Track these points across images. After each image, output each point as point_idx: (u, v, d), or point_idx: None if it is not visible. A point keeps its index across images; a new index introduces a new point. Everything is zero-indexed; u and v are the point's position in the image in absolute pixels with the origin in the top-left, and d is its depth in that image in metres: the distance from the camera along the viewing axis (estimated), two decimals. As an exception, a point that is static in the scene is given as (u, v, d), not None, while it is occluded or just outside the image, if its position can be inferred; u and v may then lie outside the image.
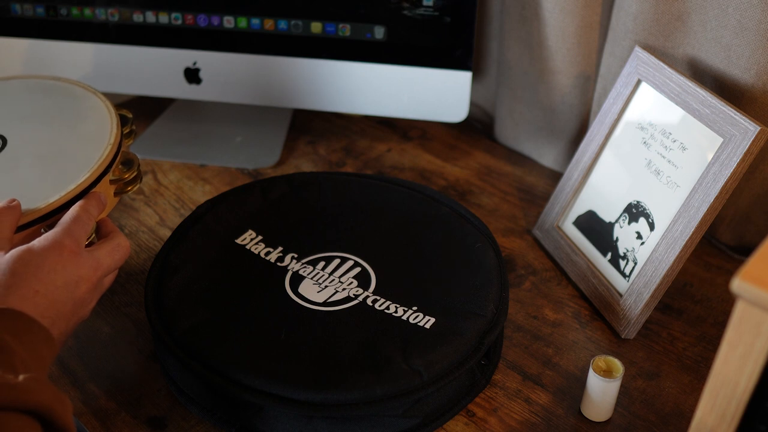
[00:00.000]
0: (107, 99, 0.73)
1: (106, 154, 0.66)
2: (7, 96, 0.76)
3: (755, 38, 0.72)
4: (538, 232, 0.87)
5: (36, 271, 0.56)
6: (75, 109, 0.73)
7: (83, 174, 0.64)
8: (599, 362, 0.65)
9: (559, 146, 0.97)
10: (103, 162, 0.65)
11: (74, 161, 0.66)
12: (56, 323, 0.56)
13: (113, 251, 0.62)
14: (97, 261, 0.60)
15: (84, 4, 0.94)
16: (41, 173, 0.65)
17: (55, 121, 0.72)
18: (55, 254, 0.57)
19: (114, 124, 0.69)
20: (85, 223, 0.61)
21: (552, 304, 0.78)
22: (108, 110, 0.71)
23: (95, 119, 0.71)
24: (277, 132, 1.04)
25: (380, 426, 0.62)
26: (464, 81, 0.91)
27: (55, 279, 0.56)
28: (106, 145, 0.67)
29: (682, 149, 0.73)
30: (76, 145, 0.68)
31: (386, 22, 0.90)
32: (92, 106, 0.72)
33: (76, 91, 0.75)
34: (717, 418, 0.47)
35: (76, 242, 0.59)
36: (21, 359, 0.49)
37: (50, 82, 0.77)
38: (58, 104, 0.74)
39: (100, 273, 0.60)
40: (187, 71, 0.97)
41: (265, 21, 0.92)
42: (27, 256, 0.56)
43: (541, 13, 0.87)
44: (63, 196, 0.62)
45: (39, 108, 0.74)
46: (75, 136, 0.69)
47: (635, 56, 0.79)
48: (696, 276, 0.82)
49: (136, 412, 0.66)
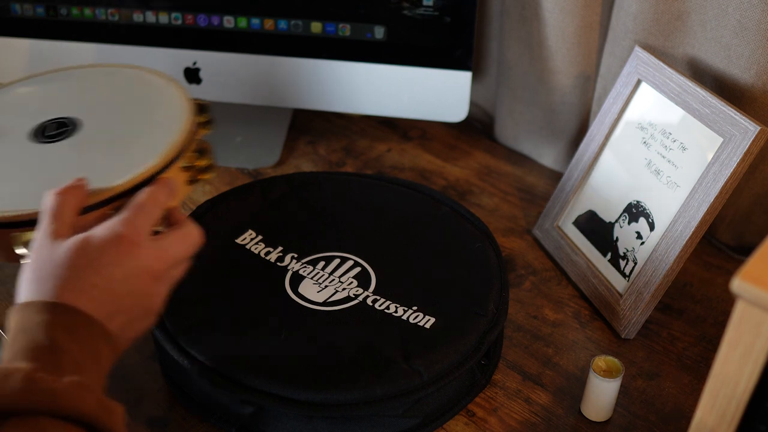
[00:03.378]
0: (183, 88, 0.72)
1: (178, 140, 0.64)
2: (85, 82, 0.76)
3: (755, 38, 0.72)
4: (538, 232, 0.87)
5: (93, 263, 0.52)
6: (150, 96, 0.72)
7: (153, 158, 0.62)
8: (599, 362, 0.65)
9: (559, 146, 0.97)
10: (174, 147, 0.63)
11: (146, 146, 0.64)
12: (114, 318, 0.53)
13: (181, 240, 0.57)
14: (163, 251, 0.56)
15: (84, 4, 0.94)
16: (111, 157, 0.64)
17: (129, 107, 0.71)
18: (114, 245, 0.53)
19: (188, 111, 0.68)
20: (149, 211, 0.57)
21: (552, 304, 0.78)
22: (183, 98, 0.70)
23: (170, 106, 0.69)
24: (277, 132, 1.04)
25: (380, 426, 0.62)
26: (464, 81, 0.91)
27: (114, 271, 0.53)
28: (178, 131, 0.65)
29: (682, 149, 0.73)
30: (149, 130, 0.67)
31: (386, 22, 0.90)
32: (168, 94, 0.71)
33: (153, 80, 0.74)
34: (717, 418, 0.47)
35: (136, 231, 0.55)
36: (72, 359, 0.48)
37: (128, 70, 0.76)
38: (134, 91, 0.73)
39: (165, 264, 0.56)
40: (187, 71, 0.97)
41: (265, 21, 0.92)
42: (85, 246, 0.53)
43: (541, 13, 0.87)
44: (131, 178, 0.60)
45: (115, 94, 0.73)
46: (148, 122, 0.68)
47: (635, 56, 0.79)
48: (696, 276, 0.82)
49: (136, 412, 0.66)
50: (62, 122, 0.68)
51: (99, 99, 0.73)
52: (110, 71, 0.77)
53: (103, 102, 0.72)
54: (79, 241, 0.53)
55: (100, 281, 0.52)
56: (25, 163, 0.65)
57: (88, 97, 0.73)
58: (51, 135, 0.67)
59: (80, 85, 0.75)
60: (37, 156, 0.65)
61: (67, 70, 0.78)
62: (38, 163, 0.64)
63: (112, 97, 0.73)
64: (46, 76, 0.77)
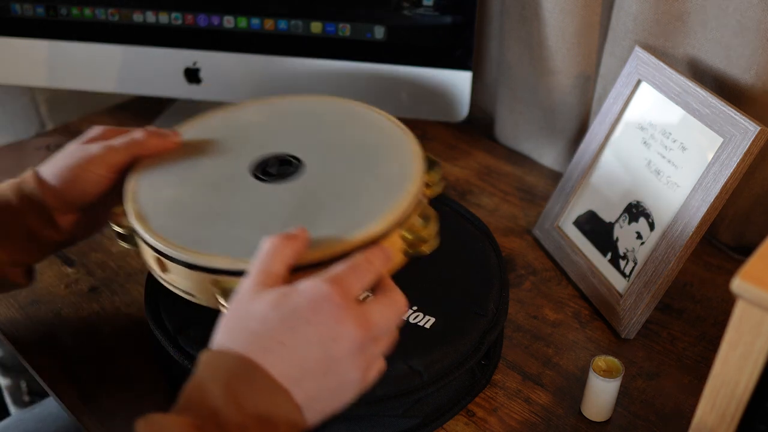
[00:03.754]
0: (415, 138, 0.67)
1: (405, 203, 0.59)
2: (313, 115, 0.72)
3: (755, 38, 0.72)
4: (538, 232, 0.87)
5: (288, 319, 0.48)
6: (379, 144, 0.67)
7: (374, 222, 0.57)
8: (599, 362, 0.65)
9: (559, 146, 0.97)
10: (400, 211, 0.58)
11: (370, 205, 0.59)
12: (302, 384, 0.47)
13: (386, 307, 0.51)
14: (365, 317, 0.49)
15: (84, 4, 0.94)
16: (332, 211, 0.59)
17: (356, 153, 0.66)
18: (316, 302, 0.48)
19: (419, 169, 0.63)
20: (363, 274, 0.51)
21: (552, 304, 0.78)
22: (414, 152, 0.65)
23: (401, 160, 0.64)
24: (277, 132, 1.04)
25: (380, 426, 0.62)
26: (464, 81, 0.91)
27: (308, 331, 0.47)
28: (407, 192, 0.60)
29: (682, 149, 0.73)
30: (375, 185, 0.61)
31: (386, 22, 0.90)
32: (398, 144, 0.66)
33: (384, 124, 0.69)
34: (717, 418, 0.47)
35: (345, 293, 0.49)
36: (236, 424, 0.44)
37: (358, 108, 0.73)
38: (363, 135, 0.68)
39: (366, 332, 0.49)
40: (187, 71, 0.97)
41: (265, 21, 0.92)
42: (283, 301, 0.49)
43: (541, 13, 0.87)
44: (346, 242, 0.55)
45: (342, 135, 0.69)
46: (375, 175, 0.63)
47: (635, 56, 0.79)
48: (696, 276, 0.82)
49: (136, 412, 0.66)
50: (285, 160, 0.65)
51: (326, 137, 0.69)
52: (343, 107, 0.74)
53: (330, 142, 0.68)
54: (279, 294, 0.49)
55: (288, 340, 0.47)
56: (243, 199, 0.62)
57: (315, 133, 0.69)
58: (272, 173, 0.64)
59: (308, 119, 0.72)
60: (255, 194, 0.62)
61: (298, 98, 0.75)
62: (255, 202, 0.62)
63: (340, 137, 0.69)
64: (275, 102, 0.75)
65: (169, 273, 0.60)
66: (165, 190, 0.64)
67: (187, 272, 0.58)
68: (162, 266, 0.60)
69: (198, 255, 0.57)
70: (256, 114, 0.74)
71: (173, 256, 0.58)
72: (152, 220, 0.61)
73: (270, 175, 0.64)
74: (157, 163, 0.67)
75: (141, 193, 0.64)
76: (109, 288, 0.79)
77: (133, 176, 0.65)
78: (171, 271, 0.60)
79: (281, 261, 0.52)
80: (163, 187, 0.64)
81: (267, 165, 0.65)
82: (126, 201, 0.63)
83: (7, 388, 1.16)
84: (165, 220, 0.61)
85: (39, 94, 1.16)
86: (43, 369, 0.70)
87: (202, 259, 0.57)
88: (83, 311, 0.76)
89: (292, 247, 0.52)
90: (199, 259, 0.57)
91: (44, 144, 1.01)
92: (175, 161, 0.67)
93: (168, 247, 0.58)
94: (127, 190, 0.64)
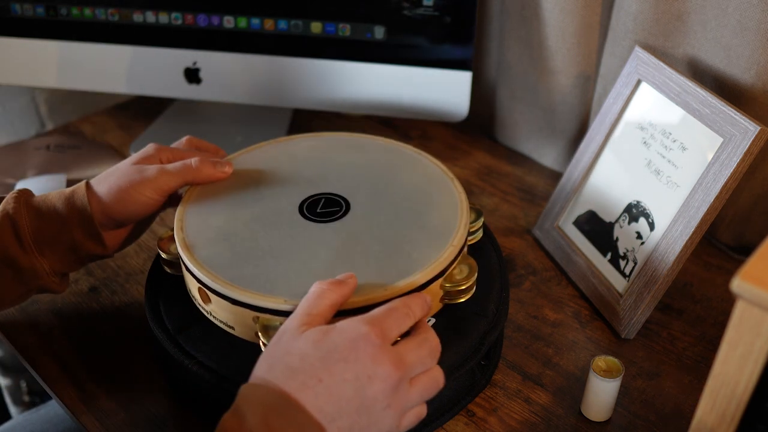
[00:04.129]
0: (462, 188, 0.68)
1: (449, 254, 0.61)
2: (361, 154, 0.73)
3: (755, 38, 0.72)
4: (538, 232, 0.87)
5: (326, 357, 0.49)
6: (425, 190, 0.69)
7: (417, 273, 0.59)
8: (599, 362, 0.64)
9: (559, 146, 0.97)
10: (444, 261, 0.60)
11: (411, 255, 0.61)
12: (336, 420, 0.48)
13: (419, 346, 0.53)
14: (400, 357, 0.51)
15: (84, 4, 0.94)
16: (372, 258, 0.61)
17: (401, 199, 0.67)
18: (354, 341, 0.50)
19: (464, 221, 0.64)
20: (402, 319, 0.53)
21: (552, 304, 0.78)
22: (460, 202, 0.66)
23: (444, 209, 0.66)
24: (277, 132, 1.04)
25: (380, 426, 0.62)
26: (464, 81, 0.91)
27: (345, 369, 0.49)
28: (451, 244, 0.62)
29: (682, 149, 0.73)
30: (419, 235, 0.63)
31: (386, 22, 0.90)
32: (444, 191, 0.68)
33: (434, 172, 0.71)
34: (717, 418, 0.47)
35: (383, 334, 0.51)
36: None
37: (410, 153, 0.74)
38: (409, 179, 0.70)
39: (400, 372, 0.50)
40: (187, 71, 0.97)
41: (265, 21, 0.92)
42: (323, 339, 0.50)
43: (541, 13, 0.87)
44: (390, 290, 0.57)
45: (389, 178, 0.70)
46: (419, 224, 0.64)
47: (635, 56, 0.79)
48: (696, 276, 0.82)
49: (136, 412, 0.66)
50: (333, 201, 0.66)
51: (373, 179, 0.70)
52: (391, 149, 0.75)
53: (377, 184, 0.69)
54: (319, 332, 0.51)
55: (326, 376, 0.49)
56: (290, 238, 0.63)
57: (363, 174, 0.71)
58: (320, 213, 0.65)
59: (357, 158, 0.73)
60: (302, 233, 0.63)
61: (348, 136, 0.77)
62: (302, 241, 0.62)
63: (386, 180, 0.70)
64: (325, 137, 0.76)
65: (211, 304, 0.61)
66: (213, 220, 0.65)
67: (230, 306, 0.59)
68: (204, 297, 0.61)
69: (243, 292, 0.58)
70: (306, 149, 0.75)
71: (218, 290, 0.59)
72: (198, 250, 0.62)
73: (317, 215, 0.65)
74: (207, 191, 0.68)
75: (189, 222, 0.65)
76: (109, 288, 0.79)
77: (183, 203, 0.67)
78: (213, 303, 0.61)
79: (327, 304, 0.54)
80: (211, 217, 0.65)
81: (315, 204, 0.66)
82: (175, 228, 0.64)
83: (7, 388, 1.16)
84: (211, 252, 0.62)
85: (39, 94, 1.16)
86: (43, 369, 0.70)
87: (247, 296, 0.58)
88: (83, 311, 0.76)
89: (339, 293, 0.55)
90: (245, 296, 0.58)
91: (44, 144, 1.01)
92: (225, 191, 0.69)
93: (214, 281, 0.59)
94: (176, 217, 0.65)
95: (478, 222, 0.69)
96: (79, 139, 1.04)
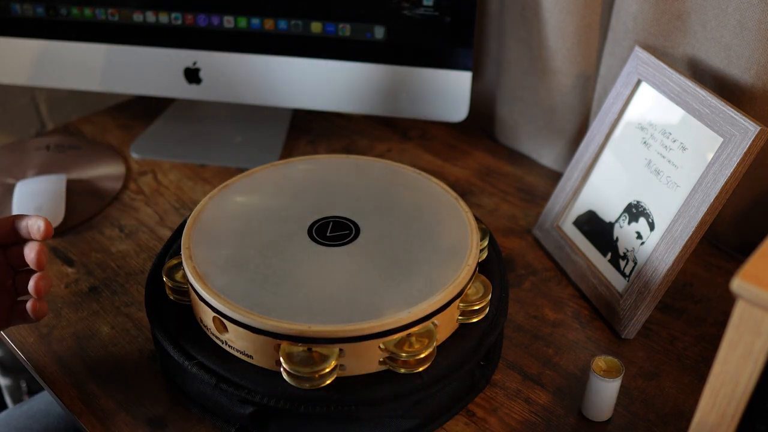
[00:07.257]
0: (469, 209, 0.69)
1: (464, 275, 0.61)
2: (363, 176, 0.73)
3: (755, 38, 0.72)
4: (538, 232, 0.87)
5: None
6: (435, 213, 0.69)
7: (435, 295, 0.59)
8: (599, 362, 0.64)
9: (559, 146, 0.97)
10: (459, 286, 0.61)
11: (428, 277, 0.61)
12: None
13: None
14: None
15: (84, 4, 0.94)
16: (389, 281, 0.61)
17: (412, 221, 0.68)
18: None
19: (474, 242, 0.65)
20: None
21: (552, 304, 0.78)
22: (469, 224, 0.67)
23: (454, 229, 0.66)
24: (277, 132, 1.04)
25: (380, 426, 0.62)
26: (464, 81, 0.91)
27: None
28: (464, 265, 0.62)
29: (682, 149, 0.73)
30: (432, 257, 0.63)
31: (386, 22, 0.90)
32: (453, 215, 0.69)
33: (439, 193, 0.71)
34: (717, 418, 0.47)
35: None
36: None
37: (413, 175, 0.74)
38: (419, 204, 0.70)
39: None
40: (187, 71, 0.97)
41: (265, 21, 0.92)
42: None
43: (541, 13, 0.87)
44: (409, 314, 0.58)
45: (393, 199, 0.71)
46: (431, 245, 0.65)
47: (635, 56, 0.79)
48: (696, 276, 0.82)
49: (136, 412, 0.66)
50: (342, 223, 0.66)
51: (378, 201, 0.70)
52: (392, 170, 0.75)
53: (384, 207, 0.69)
54: None
55: None
56: (303, 263, 0.63)
57: (368, 195, 0.70)
58: (330, 237, 0.65)
59: (359, 180, 0.73)
60: (315, 257, 0.63)
61: (346, 159, 0.76)
62: (316, 266, 0.62)
63: (391, 201, 0.70)
64: (322, 160, 0.75)
65: (227, 334, 0.60)
66: (222, 248, 0.64)
67: (250, 335, 0.59)
68: (220, 327, 0.60)
69: (264, 320, 0.57)
70: (303, 173, 0.75)
71: (238, 319, 0.58)
72: (212, 280, 0.61)
73: (328, 239, 0.65)
74: (213, 219, 0.68)
75: (197, 251, 0.64)
76: (109, 288, 0.79)
77: (188, 232, 0.66)
78: (230, 332, 0.60)
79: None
80: (220, 245, 0.65)
81: (324, 228, 0.65)
82: (183, 258, 0.64)
83: (7, 388, 1.16)
84: (225, 280, 0.61)
85: (39, 94, 1.16)
86: (43, 369, 0.70)
87: (268, 324, 0.57)
88: (83, 311, 0.76)
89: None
90: (267, 324, 0.57)
91: (44, 144, 1.01)
92: (229, 218, 0.68)
93: (234, 311, 0.58)
94: (182, 246, 0.65)
95: (485, 240, 0.69)
96: (79, 139, 1.04)
